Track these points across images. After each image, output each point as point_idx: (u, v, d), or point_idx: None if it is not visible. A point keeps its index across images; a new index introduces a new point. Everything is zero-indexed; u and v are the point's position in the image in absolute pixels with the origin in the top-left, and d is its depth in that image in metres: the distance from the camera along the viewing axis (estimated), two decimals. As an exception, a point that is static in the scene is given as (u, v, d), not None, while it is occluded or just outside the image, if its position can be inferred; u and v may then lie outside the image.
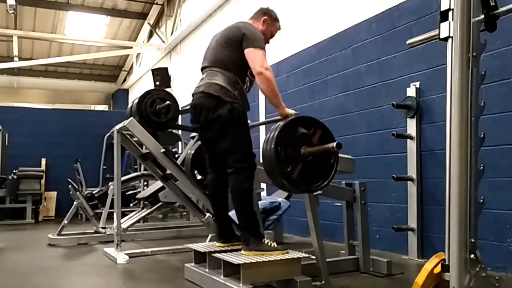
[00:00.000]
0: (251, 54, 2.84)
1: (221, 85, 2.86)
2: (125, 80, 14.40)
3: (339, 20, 4.84)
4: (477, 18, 1.88)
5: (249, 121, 3.05)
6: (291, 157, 2.52)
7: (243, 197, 2.82)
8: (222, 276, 2.71)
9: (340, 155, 2.85)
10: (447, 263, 1.82)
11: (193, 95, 3.04)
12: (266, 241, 2.80)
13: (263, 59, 2.83)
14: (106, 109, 15.06)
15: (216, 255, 2.82)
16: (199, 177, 3.69)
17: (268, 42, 3.16)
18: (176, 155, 5.47)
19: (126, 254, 4.02)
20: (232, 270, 2.65)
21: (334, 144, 2.44)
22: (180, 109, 4.85)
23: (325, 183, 2.62)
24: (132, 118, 4.13)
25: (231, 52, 2.94)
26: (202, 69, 3.11)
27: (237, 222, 3.02)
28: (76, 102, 14.39)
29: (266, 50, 2.93)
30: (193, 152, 3.68)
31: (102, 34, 12.20)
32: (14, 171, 8.48)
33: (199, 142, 3.51)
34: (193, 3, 8.87)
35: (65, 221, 5.11)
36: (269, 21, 3.17)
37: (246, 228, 2.82)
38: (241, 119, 2.90)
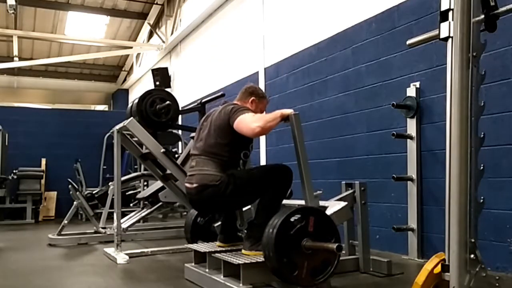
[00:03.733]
0: (237, 124, 2.75)
1: (213, 174, 2.82)
2: (125, 80, 14.40)
3: (339, 20, 4.84)
4: (477, 18, 1.88)
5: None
6: (294, 257, 2.43)
7: (274, 208, 2.79)
8: (222, 276, 2.71)
9: (333, 210, 2.85)
10: (447, 263, 1.82)
11: (186, 188, 3.00)
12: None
13: (250, 120, 2.71)
14: (106, 109, 15.06)
15: (216, 255, 2.82)
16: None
17: None
18: (176, 155, 5.47)
19: (126, 254, 4.02)
20: (232, 270, 2.66)
21: (335, 246, 2.36)
22: (180, 109, 4.86)
23: (329, 274, 2.52)
24: (132, 118, 4.13)
25: (220, 142, 2.87)
26: (192, 155, 3.05)
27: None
28: (76, 102, 14.39)
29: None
30: (190, 229, 3.63)
31: (102, 34, 12.20)
32: (14, 171, 8.48)
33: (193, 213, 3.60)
34: (193, 3, 8.87)
35: (65, 221, 5.11)
36: (257, 100, 3.08)
37: (259, 228, 2.77)
38: (240, 177, 2.84)
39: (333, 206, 2.99)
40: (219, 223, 3.43)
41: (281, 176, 2.84)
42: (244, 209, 3.28)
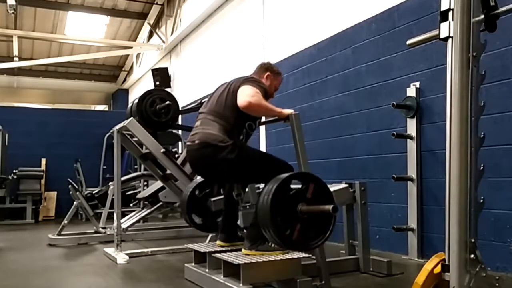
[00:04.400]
0: (239, 92, 2.80)
1: (217, 134, 2.81)
2: (125, 80, 14.40)
3: (339, 20, 4.84)
4: (477, 18, 1.88)
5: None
6: (288, 218, 2.45)
7: None
8: (222, 276, 2.71)
9: (334, 189, 2.85)
10: (447, 263, 1.82)
11: (188, 146, 3.00)
12: (268, 243, 2.80)
13: (250, 91, 2.75)
14: (106, 109, 15.05)
15: (216, 255, 2.82)
16: (198, 220, 3.47)
17: (272, 96, 3.14)
18: (176, 155, 5.47)
19: (126, 254, 4.02)
20: (232, 270, 2.66)
21: (331, 207, 2.39)
22: (180, 109, 4.86)
23: (324, 239, 2.54)
24: (132, 118, 4.13)
25: (229, 104, 2.88)
26: (199, 113, 3.07)
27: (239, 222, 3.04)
28: (76, 102, 14.38)
29: (265, 94, 2.86)
30: (187, 199, 3.44)
31: (102, 34, 12.19)
32: (14, 171, 8.48)
33: (192, 184, 3.50)
34: (193, 3, 8.87)
35: (65, 221, 5.11)
36: (272, 76, 3.14)
37: (256, 227, 2.80)
38: (244, 152, 2.85)
39: (334, 186, 3.09)
40: (218, 198, 3.39)
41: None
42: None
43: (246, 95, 2.74)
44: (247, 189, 3.27)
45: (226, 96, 2.91)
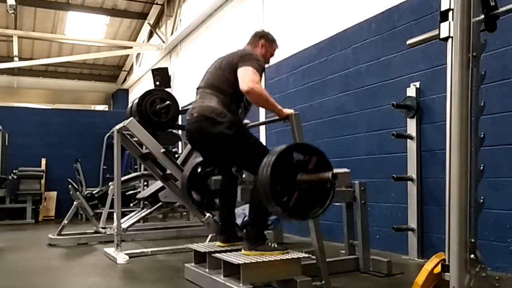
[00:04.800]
0: (240, 73, 2.81)
1: (214, 107, 2.84)
2: (125, 80, 14.40)
3: (339, 20, 4.84)
4: (477, 18, 1.88)
5: (249, 121, 3.06)
6: (287, 185, 2.47)
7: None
8: (222, 276, 2.71)
9: (337, 170, 2.84)
10: (447, 263, 1.82)
11: (186, 120, 3.01)
12: (268, 243, 2.80)
13: (253, 77, 2.77)
14: (106, 109, 15.05)
15: (216, 255, 2.82)
16: (197, 197, 3.50)
17: (268, 62, 3.18)
18: (176, 155, 5.47)
19: (126, 254, 4.02)
20: (232, 270, 2.65)
21: (330, 174, 2.41)
22: (180, 109, 4.86)
23: (322, 210, 2.56)
24: (132, 118, 4.13)
25: (228, 77, 2.91)
26: (197, 88, 3.09)
27: (237, 222, 3.03)
28: (76, 102, 14.39)
29: (262, 71, 2.90)
30: (188, 174, 3.46)
31: (102, 34, 12.19)
32: (14, 171, 8.48)
33: (196, 160, 3.47)
34: (193, 3, 8.87)
35: (65, 221, 5.10)
36: (267, 44, 3.18)
37: (254, 226, 2.81)
38: (241, 131, 2.88)
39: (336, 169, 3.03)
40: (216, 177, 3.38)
41: None
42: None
43: (249, 80, 2.74)
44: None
45: (223, 70, 2.93)
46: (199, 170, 3.45)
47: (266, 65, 3.11)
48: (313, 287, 2.64)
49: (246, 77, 2.77)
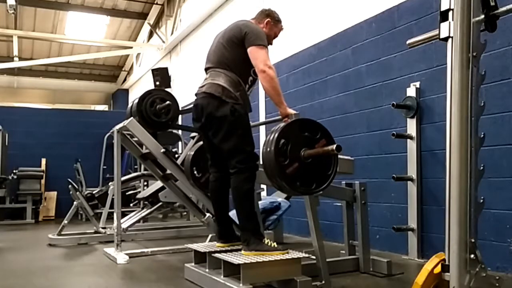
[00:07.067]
0: (253, 52, 2.84)
1: (223, 86, 2.87)
2: (125, 80, 14.40)
3: (339, 20, 4.84)
4: (477, 18, 1.88)
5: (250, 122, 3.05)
6: (291, 159, 2.51)
7: (245, 197, 2.83)
8: (222, 276, 2.71)
9: (340, 156, 2.84)
10: (447, 263, 1.82)
11: (196, 95, 3.04)
12: (266, 241, 2.80)
13: (266, 57, 2.83)
14: (106, 109, 15.05)
15: (216, 255, 2.82)
16: (197, 174, 3.66)
17: (271, 43, 3.17)
18: (176, 155, 5.47)
19: (126, 254, 4.02)
20: (232, 270, 2.65)
21: (334, 146, 2.43)
22: (180, 109, 4.85)
23: (324, 186, 2.60)
24: (132, 118, 4.12)
25: (233, 53, 2.94)
26: (206, 69, 3.11)
27: (237, 222, 3.02)
28: (76, 102, 14.38)
29: (268, 49, 2.93)
30: (193, 153, 3.67)
31: (102, 34, 12.19)
32: (14, 171, 8.48)
33: (201, 143, 3.51)
34: (193, 3, 8.87)
35: (65, 221, 5.11)
36: (272, 22, 3.19)
37: (247, 229, 2.83)
38: (243, 120, 2.90)
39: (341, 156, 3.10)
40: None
41: (253, 159, 2.88)
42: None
43: (264, 61, 2.80)
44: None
45: (225, 46, 2.96)
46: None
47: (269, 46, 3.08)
48: (313, 287, 2.64)
49: (262, 58, 2.82)
